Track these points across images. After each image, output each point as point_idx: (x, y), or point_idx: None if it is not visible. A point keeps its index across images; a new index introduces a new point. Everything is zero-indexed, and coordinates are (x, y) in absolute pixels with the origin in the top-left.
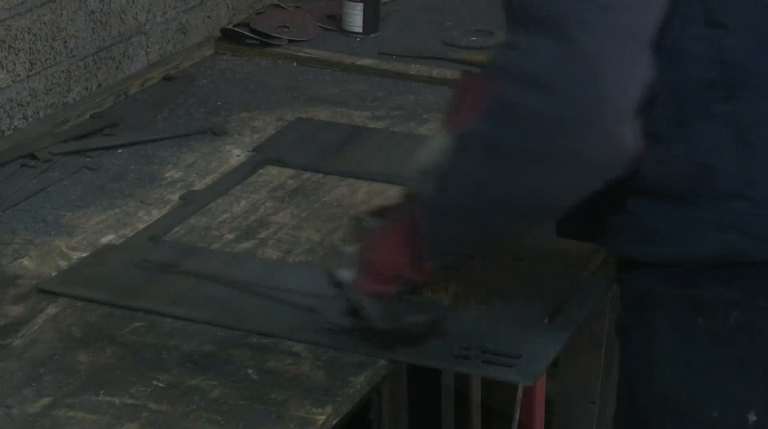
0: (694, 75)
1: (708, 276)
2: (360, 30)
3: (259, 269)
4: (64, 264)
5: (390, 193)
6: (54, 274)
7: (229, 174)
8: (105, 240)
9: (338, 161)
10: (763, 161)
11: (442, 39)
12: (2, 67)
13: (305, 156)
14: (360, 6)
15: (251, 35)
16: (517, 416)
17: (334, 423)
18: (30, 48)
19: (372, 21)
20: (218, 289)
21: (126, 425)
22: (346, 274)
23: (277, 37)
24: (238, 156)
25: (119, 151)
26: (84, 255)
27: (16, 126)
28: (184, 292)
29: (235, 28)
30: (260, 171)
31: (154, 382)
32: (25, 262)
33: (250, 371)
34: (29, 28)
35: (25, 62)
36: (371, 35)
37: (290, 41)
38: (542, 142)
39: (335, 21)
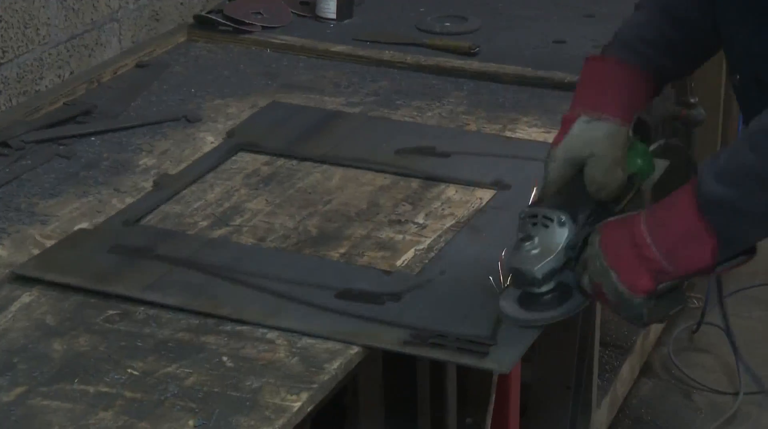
0: None
1: None
2: (334, 16)
3: (233, 254)
4: (37, 252)
5: (364, 179)
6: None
7: (203, 158)
8: (78, 228)
9: (312, 146)
10: None
11: (416, 25)
12: None
13: (279, 140)
14: None
15: (225, 22)
16: (492, 401)
17: (309, 410)
18: (2, 35)
19: (346, 7)
20: (193, 274)
21: (101, 413)
22: (539, 269)
23: (251, 24)
24: (212, 143)
25: (92, 138)
26: (59, 239)
27: None
28: (159, 277)
29: (209, 15)
30: (234, 157)
31: (129, 370)
32: None
33: (224, 358)
34: (0, 16)
35: None
36: (345, 21)
37: (264, 28)
38: None
39: (309, 7)
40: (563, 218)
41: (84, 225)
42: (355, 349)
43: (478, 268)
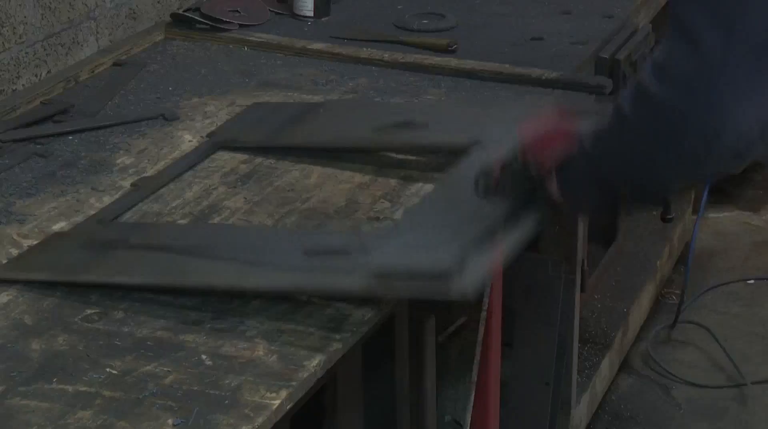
0: None
1: None
2: (311, 14)
3: (205, 233)
4: (14, 252)
5: (343, 177)
6: (4, 261)
7: (182, 159)
8: (56, 227)
9: (290, 134)
10: None
11: (394, 22)
12: None
13: (258, 134)
14: None
15: (202, 20)
16: (471, 398)
17: (288, 408)
18: None
19: (323, 5)
20: (163, 255)
21: (79, 413)
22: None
23: (228, 22)
24: (189, 141)
25: (70, 137)
26: (35, 243)
27: None
28: (129, 262)
29: (186, 13)
30: (212, 156)
31: (108, 369)
32: None
33: (203, 357)
34: None
35: None
36: (322, 19)
37: (241, 26)
38: (658, 125)
39: (286, 5)
40: None
41: (62, 224)
42: (334, 346)
43: (449, 215)
